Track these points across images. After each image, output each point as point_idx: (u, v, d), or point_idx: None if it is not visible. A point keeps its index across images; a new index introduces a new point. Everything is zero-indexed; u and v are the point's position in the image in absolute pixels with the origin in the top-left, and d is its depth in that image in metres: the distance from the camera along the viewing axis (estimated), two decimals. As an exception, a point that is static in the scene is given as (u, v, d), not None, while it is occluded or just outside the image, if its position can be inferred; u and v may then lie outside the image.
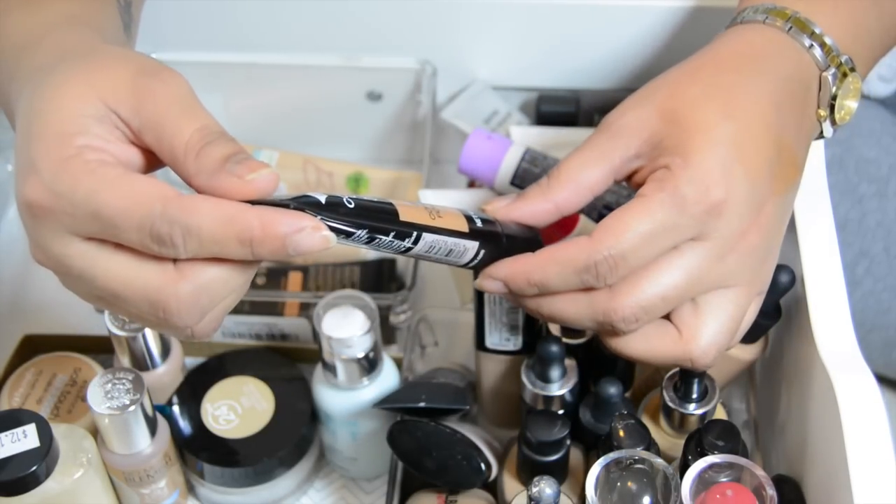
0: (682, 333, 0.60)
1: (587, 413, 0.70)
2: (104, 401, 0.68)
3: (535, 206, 0.61)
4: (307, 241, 0.51)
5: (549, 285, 0.59)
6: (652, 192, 0.58)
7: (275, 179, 0.52)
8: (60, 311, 0.87)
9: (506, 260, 0.60)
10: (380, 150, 0.95)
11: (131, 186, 0.50)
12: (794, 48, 0.62)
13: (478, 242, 0.59)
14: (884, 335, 0.94)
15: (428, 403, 0.70)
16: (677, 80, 0.62)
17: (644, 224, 0.57)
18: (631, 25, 0.86)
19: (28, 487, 0.65)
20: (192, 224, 0.50)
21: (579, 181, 0.61)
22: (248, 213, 0.50)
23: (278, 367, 0.79)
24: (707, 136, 0.59)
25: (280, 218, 0.50)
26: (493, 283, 0.61)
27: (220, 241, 0.50)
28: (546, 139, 0.84)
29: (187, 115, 0.52)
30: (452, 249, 0.58)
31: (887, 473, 0.59)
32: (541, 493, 0.61)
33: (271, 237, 0.50)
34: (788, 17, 0.63)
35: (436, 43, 0.88)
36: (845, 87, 0.63)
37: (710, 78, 0.61)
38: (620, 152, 0.60)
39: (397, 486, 0.73)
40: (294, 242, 0.50)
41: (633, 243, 0.57)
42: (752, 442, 0.76)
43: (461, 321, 0.81)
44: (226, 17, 0.88)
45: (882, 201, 0.92)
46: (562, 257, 0.58)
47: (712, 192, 0.58)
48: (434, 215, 0.57)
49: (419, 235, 0.56)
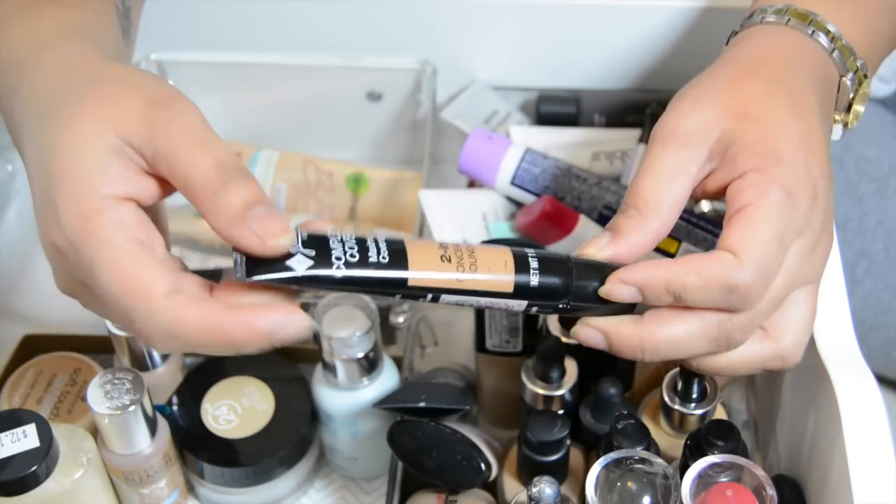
0: (768, 333, 0.58)
1: (587, 413, 0.70)
2: (104, 401, 0.68)
3: (637, 240, 0.57)
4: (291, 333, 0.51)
5: (686, 297, 0.55)
6: (760, 197, 0.55)
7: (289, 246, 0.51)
8: (60, 311, 0.86)
9: (641, 264, 0.56)
10: (380, 150, 0.95)
11: (127, 272, 0.51)
12: (820, 52, 0.62)
13: (526, 302, 0.53)
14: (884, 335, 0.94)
15: (428, 403, 0.70)
16: (732, 79, 0.60)
17: (776, 232, 0.55)
18: (631, 25, 0.85)
19: (28, 487, 0.65)
20: (175, 329, 0.51)
21: (669, 202, 0.57)
22: (233, 320, 0.51)
23: (278, 367, 0.79)
24: (788, 131, 0.57)
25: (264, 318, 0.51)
26: (628, 290, 0.56)
27: (203, 345, 0.51)
28: (546, 139, 0.84)
29: (201, 148, 0.52)
30: (490, 306, 0.52)
31: (887, 473, 0.59)
32: (541, 493, 0.61)
33: (256, 337, 0.51)
34: (810, 21, 0.62)
35: (436, 43, 0.88)
36: (860, 93, 0.63)
37: (768, 76, 0.59)
38: (695, 159, 0.57)
39: (397, 486, 0.73)
40: (278, 339, 0.51)
41: (774, 256, 0.55)
42: (752, 442, 0.76)
43: (461, 321, 0.81)
44: (226, 17, 0.88)
45: (882, 201, 0.92)
46: (706, 271, 0.54)
47: (809, 187, 0.56)
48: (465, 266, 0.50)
49: (436, 297, 0.51)
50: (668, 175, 0.57)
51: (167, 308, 0.51)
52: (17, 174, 0.97)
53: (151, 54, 0.89)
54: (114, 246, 0.51)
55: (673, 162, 0.57)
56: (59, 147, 0.53)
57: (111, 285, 0.51)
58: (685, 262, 0.55)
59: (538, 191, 0.78)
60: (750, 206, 0.55)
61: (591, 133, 0.87)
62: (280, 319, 0.51)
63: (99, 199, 0.52)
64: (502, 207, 0.80)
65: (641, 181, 0.57)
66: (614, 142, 0.85)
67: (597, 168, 0.83)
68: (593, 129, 0.88)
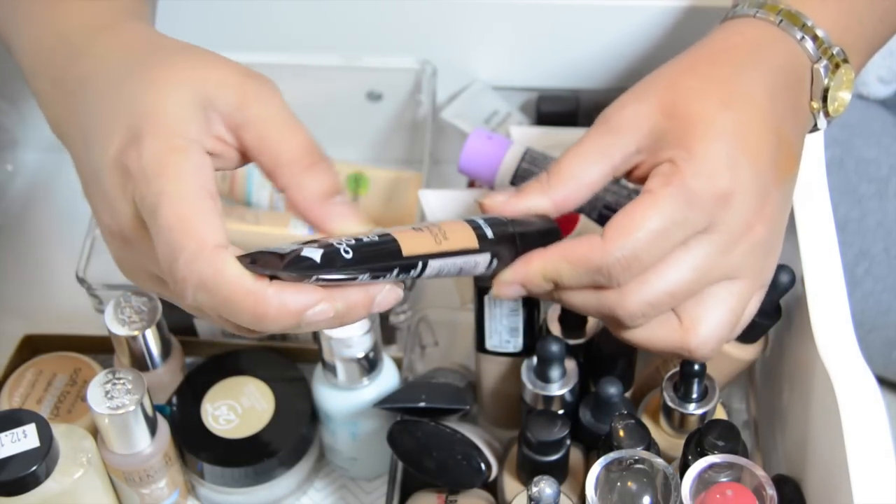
0: (682, 322, 0.60)
1: (587, 413, 0.70)
2: (104, 401, 0.68)
3: (532, 202, 0.60)
4: (320, 319, 0.51)
5: (562, 282, 0.58)
6: (659, 187, 0.57)
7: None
8: (60, 311, 0.87)
9: (518, 262, 0.59)
10: (380, 150, 0.95)
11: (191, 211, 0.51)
12: (786, 40, 0.63)
13: (489, 253, 0.58)
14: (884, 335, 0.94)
15: (428, 403, 0.70)
16: (674, 74, 0.62)
17: (654, 221, 0.57)
18: (631, 25, 0.86)
19: (28, 487, 0.65)
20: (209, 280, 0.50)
21: (579, 178, 0.60)
22: (270, 291, 0.51)
23: (278, 367, 0.79)
24: (709, 127, 0.58)
25: (299, 296, 0.51)
26: (511, 288, 0.60)
27: (232, 307, 0.51)
28: (546, 139, 0.84)
29: (295, 127, 0.55)
30: (462, 267, 0.57)
31: (887, 473, 0.59)
32: (541, 493, 0.61)
33: (287, 315, 0.51)
34: (779, 11, 0.63)
35: (436, 43, 0.88)
36: (838, 79, 0.63)
37: (707, 71, 0.61)
38: (620, 148, 0.60)
39: (397, 486, 0.73)
40: (307, 322, 0.51)
41: (645, 242, 0.57)
42: (752, 442, 0.76)
43: (461, 321, 0.81)
44: (225, 17, 0.88)
45: (882, 201, 0.92)
46: (573, 256, 0.58)
47: (719, 183, 0.57)
48: (440, 238, 0.55)
49: (425, 264, 0.54)
50: (588, 154, 0.60)
51: (214, 257, 0.50)
52: (17, 174, 0.97)
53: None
54: (187, 184, 0.51)
55: (597, 144, 0.60)
56: (154, 89, 0.54)
57: (170, 217, 0.51)
58: (555, 250, 0.58)
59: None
60: (644, 194, 0.58)
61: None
62: (314, 301, 0.51)
63: (188, 140, 0.53)
64: (502, 207, 0.80)
65: (564, 155, 0.61)
66: (614, 142, 0.85)
67: (597, 168, 0.83)
68: (593, 129, 0.88)
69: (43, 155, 0.98)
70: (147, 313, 0.73)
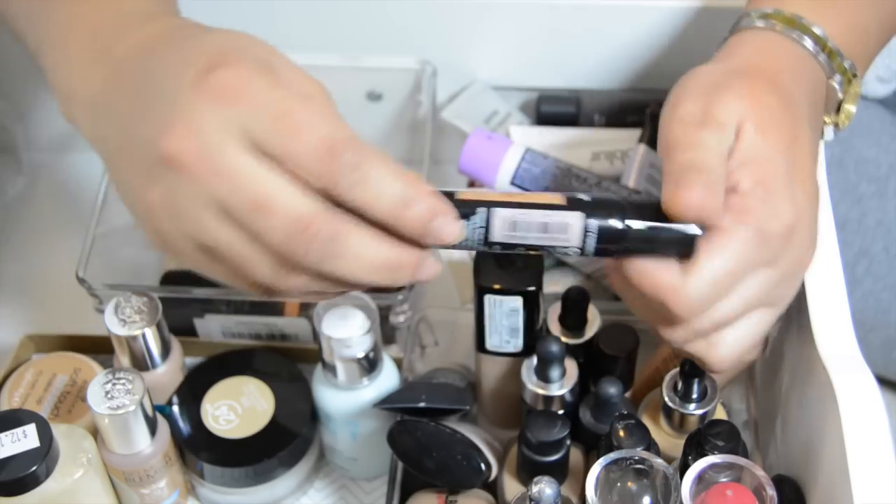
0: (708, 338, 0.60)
1: (587, 413, 0.70)
2: (104, 401, 0.68)
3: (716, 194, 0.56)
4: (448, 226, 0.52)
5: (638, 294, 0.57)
6: (733, 225, 0.56)
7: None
8: (60, 311, 0.87)
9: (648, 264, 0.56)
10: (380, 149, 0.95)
11: (324, 109, 0.52)
12: (806, 56, 0.62)
13: (582, 213, 0.53)
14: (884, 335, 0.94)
15: (428, 403, 0.70)
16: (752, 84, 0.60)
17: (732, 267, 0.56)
18: (631, 25, 0.86)
19: (28, 487, 0.65)
20: (367, 160, 0.51)
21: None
22: (416, 181, 0.52)
23: (278, 367, 0.79)
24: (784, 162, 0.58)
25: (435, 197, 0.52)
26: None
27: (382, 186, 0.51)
28: (546, 139, 0.84)
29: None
30: (548, 224, 0.53)
31: (887, 473, 0.59)
32: (541, 493, 0.61)
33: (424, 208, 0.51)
34: (795, 24, 0.62)
35: (436, 43, 0.88)
36: (849, 93, 0.63)
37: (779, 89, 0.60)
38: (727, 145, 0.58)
39: (397, 486, 0.73)
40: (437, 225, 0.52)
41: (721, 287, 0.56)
42: (752, 442, 0.76)
43: (461, 321, 0.81)
44: (225, 18, 0.88)
45: (882, 201, 0.92)
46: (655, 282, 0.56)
47: (786, 221, 0.57)
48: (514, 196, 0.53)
49: (489, 214, 0.52)
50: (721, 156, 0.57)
51: (367, 145, 0.51)
52: (17, 174, 0.97)
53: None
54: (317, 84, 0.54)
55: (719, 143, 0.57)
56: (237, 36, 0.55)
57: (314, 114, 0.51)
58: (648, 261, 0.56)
59: (538, 191, 0.78)
60: (719, 234, 0.56)
61: (591, 133, 0.87)
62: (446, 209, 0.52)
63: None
64: (502, 207, 0.80)
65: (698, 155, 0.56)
66: (614, 142, 0.85)
67: (597, 168, 0.83)
68: (593, 129, 0.88)
69: (43, 155, 0.98)
70: (147, 313, 0.73)
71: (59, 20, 0.61)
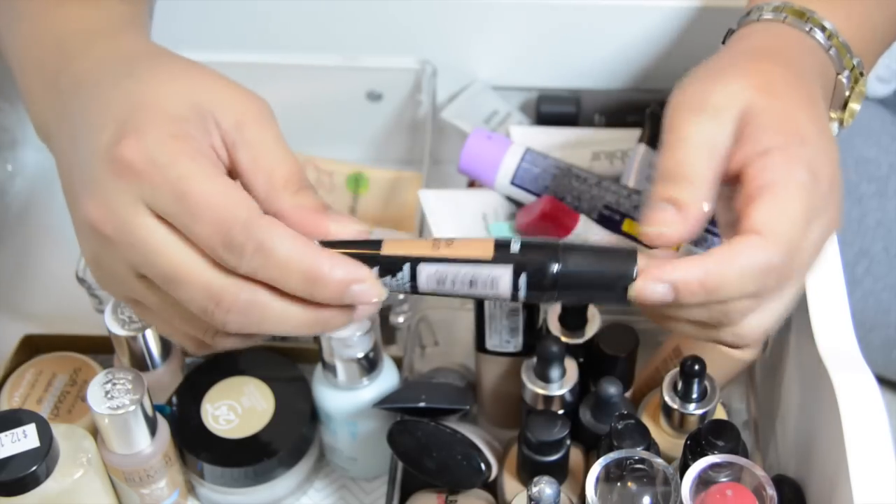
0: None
1: (587, 413, 0.70)
2: (104, 401, 0.68)
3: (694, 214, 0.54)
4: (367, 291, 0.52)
5: (723, 293, 0.53)
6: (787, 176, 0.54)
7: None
8: (60, 311, 0.87)
9: (679, 261, 0.53)
10: (380, 150, 0.95)
11: (224, 186, 0.51)
12: (816, 49, 0.62)
13: (510, 266, 0.51)
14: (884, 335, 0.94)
15: (428, 403, 0.70)
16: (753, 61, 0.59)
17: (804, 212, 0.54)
18: (631, 25, 0.85)
19: (28, 487, 0.65)
20: (268, 242, 0.50)
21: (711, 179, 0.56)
22: (324, 252, 0.51)
23: (278, 367, 0.79)
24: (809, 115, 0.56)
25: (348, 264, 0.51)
26: (659, 287, 0.53)
27: (286, 268, 0.51)
28: (546, 139, 0.84)
29: (288, 152, 0.55)
30: (474, 280, 0.52)
31: (887, 473, 0.59)
32: (541, 493, 0.61)
33: (336, 281, 0.51)
34: (807, 18, 0.62)
35: (436, 43, 0.88)
36: (855, 92, 0.63)
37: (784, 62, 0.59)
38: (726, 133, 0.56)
39: (397, 486, 0.73)
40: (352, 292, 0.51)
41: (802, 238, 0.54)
42: (752, 442, 0.76)
43: (461, 321, 0.81)
44: (225, 17, 0.88)
45: (882, 201, 0.92)
46: (745, 262, 0.53)
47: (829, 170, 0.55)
48: (440, 245, 0.52)
49: (414, 268, 0.52)
50: (709, 149, 0.55)
51: (268, 222, 0.51)
52: (17, 174, 0.97)
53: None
54: (206, 163, 0.51)
55: (710, 134, 0.56)
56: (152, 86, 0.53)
57: (206, 195, 0.50)
58: (719, 256, 0.53)
59: (538, 191, 0.78)
60: (776, 185, 0.54)
61: (591, 133, 0.87)
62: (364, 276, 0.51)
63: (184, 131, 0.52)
64: (502, 207, 0.80)
65: (681, 154, 0.55)
66: (614, 142, 0.85)
67: (597, 168, 0.83)
68: (593, 129, 0.88)
69: (43, 155, 0.97)
70: (147, 313, 0.73)
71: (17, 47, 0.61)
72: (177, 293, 0.52)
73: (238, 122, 0.54)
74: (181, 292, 0.52)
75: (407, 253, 0.52)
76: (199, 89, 0.54)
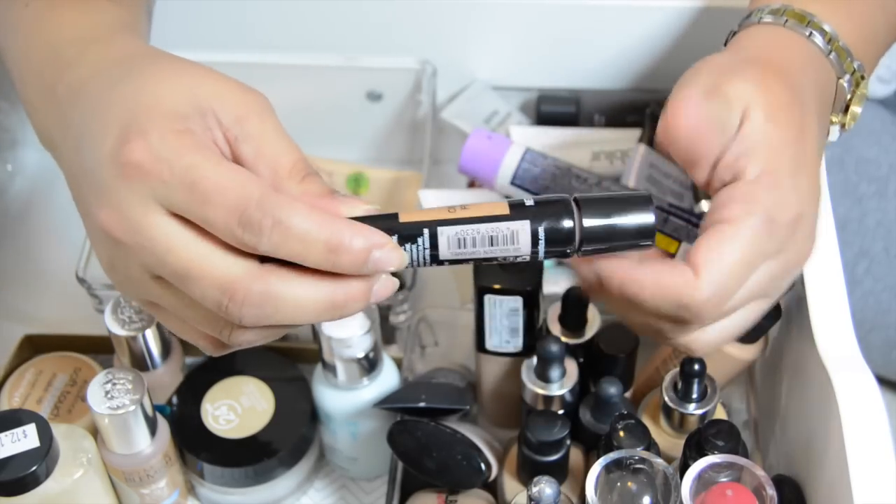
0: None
1: (587, 413, 0.70)
2: (104, 401, 0.68)
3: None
4: (388, 256, 0.51)
5: (640, 305, 0.56)
6: (741, 218, 0.56)
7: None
8: (60, 311, 0.87)
9: (613, 260, 0.56)
10: (380, 150, 0.95)
11: (233, 170, 0.51)
12: (816, 54, 0.62)
13: (528, 222, 0.52)
14: (884, 335, 0.94)
15: (428, 403, 0.71)
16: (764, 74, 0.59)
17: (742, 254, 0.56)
18: (631, 25, 0.85)
19: (28, 487, 0.65)
20: (285, 216, 0.50)
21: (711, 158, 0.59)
22: (342, 220, 0.51)
23: (278, 367, 0.79)
24: (792, 153, 0.58)
25: (367, 231, 0.51)
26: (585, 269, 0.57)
27: (306, 239, 0.50)
28: (546, 139, 0.84)
29: (290, 142, 0.55)
30: (494, 237, 0.52)
31: (887, 473, 0.59)
32: (541, 493, 0.61)
33: (358, 249, 0.51)
34: (807, 22, 0.62)
35: (436, 43, 0.88)
36: (856, 95, 0.63)
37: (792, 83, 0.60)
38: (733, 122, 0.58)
39: (397, 486, 0.73)
40: (374, 259, 0.51)
41: (735, 279, 0.56)
42: (752, 442, 0.76)
43: (461, 321, 0.81)
44: (225, 17, 0.88)
45: (882, 201, 0.92)
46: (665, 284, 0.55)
47: (793, 211, 0.57)
48: (455, 210, 0.52)
49: (433, 232, 0.52)
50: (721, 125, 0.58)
51: (282, 197, 0.51)
52: (17, 174, 0.97)
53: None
54: (210, 151, 0.52)
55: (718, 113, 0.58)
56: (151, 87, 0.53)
57: (218, 178, 0.50)
58: (649, 270, 0.56)
59: (538, 191, 0.78)
60: (727, 224, 0.56)
61: (591, 133, 0.87)
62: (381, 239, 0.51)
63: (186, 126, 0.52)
64: (502, 207, 0.80)
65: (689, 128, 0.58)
66: (614, 142, 0.85)
67: (597, 168, 0.83)
68: (593, 129, 0.88)
69: (43, 155, 0.96)
70: (147, 313, 0.73)
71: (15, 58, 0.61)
72: (191, 290, 0.52)
73: (238, 117, 0.54)
74: (195, 289, 0.52)
75: (424, 219, 0.52)
76: (198, 87, 0.54)
